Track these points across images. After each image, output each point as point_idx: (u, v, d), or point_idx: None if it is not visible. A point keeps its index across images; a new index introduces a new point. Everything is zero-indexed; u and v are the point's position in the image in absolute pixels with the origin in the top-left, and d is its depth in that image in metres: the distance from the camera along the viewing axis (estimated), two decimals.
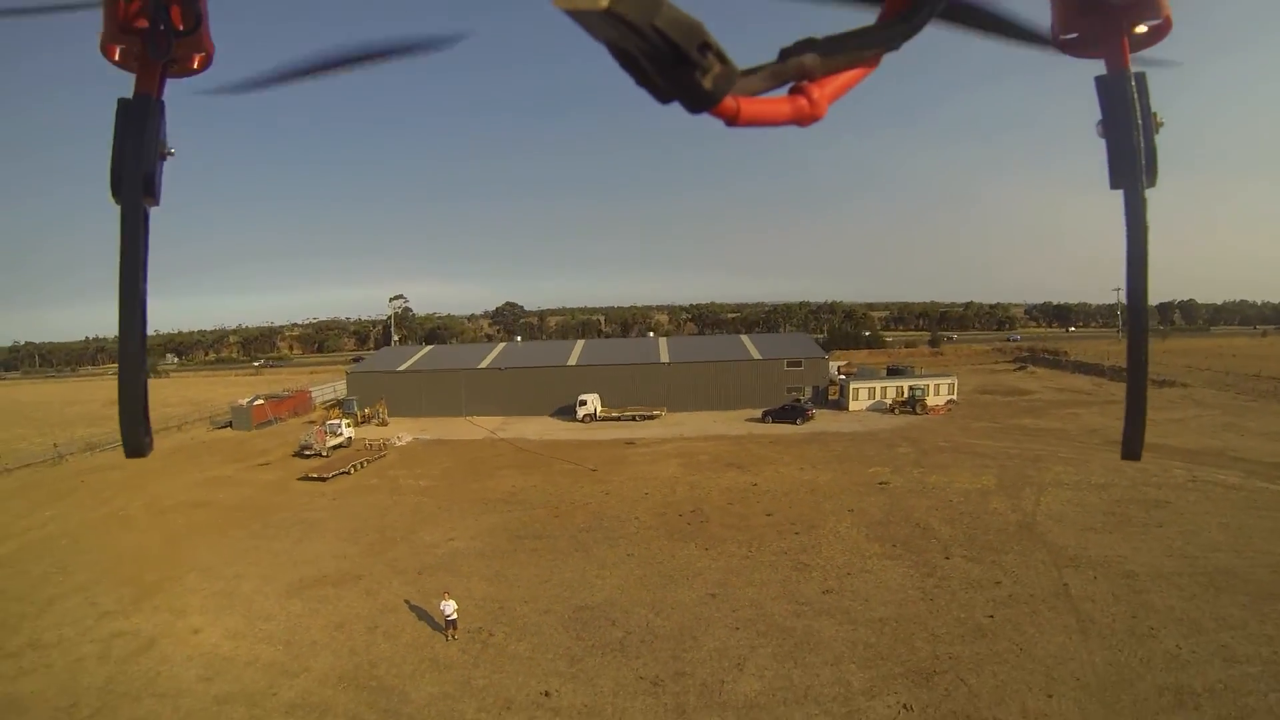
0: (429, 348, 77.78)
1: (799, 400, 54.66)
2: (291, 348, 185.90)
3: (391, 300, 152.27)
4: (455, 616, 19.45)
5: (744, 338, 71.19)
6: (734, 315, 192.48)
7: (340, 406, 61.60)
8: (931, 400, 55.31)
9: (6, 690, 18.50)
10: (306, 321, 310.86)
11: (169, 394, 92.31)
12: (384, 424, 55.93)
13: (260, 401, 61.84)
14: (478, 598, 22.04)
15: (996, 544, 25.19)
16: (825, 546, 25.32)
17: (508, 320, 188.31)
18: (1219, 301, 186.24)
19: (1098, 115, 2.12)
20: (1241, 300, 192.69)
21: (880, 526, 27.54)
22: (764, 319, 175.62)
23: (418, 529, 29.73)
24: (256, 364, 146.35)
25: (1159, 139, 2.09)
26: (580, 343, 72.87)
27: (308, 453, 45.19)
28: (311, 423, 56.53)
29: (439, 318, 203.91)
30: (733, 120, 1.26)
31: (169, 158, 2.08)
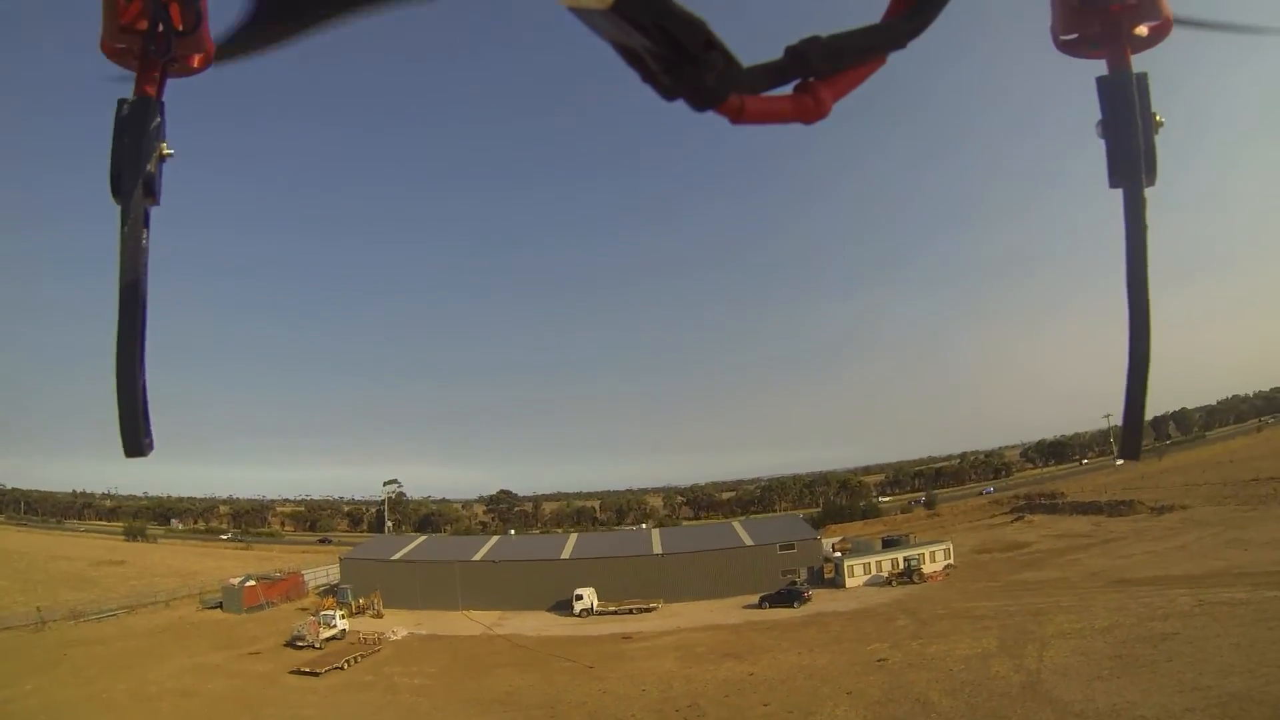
0: (423, 537, 78.45)
1: (795, 583, 54.66)
2: (283, 524, 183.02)
3: (385, 485, 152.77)
4: None
5: (735, 524, 72.71)
6: (729, 495, 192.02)
7: (334, 594, 60.94)
8: (928, 568, 56.07)
9: None
10: (299, 499, 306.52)
11: (157, 563, 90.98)
12: (379, 616, 55.23)
13: (252, 583, 61.32)
14: None
15: (1000, 710, 24.75)
16: None
17: (503, 509, 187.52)
18: (1213, 402, 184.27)
19: (1098, 115, 2.16)
20: (1234, 395, 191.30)
21: (879, 706, 27.31)
22: (759, 498, 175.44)
23: None
24: (224, 536, 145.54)
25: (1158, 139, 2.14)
26: (574, 536, 74.10)
27: (300, 644, 44.56)
28: (304, 609, 55.95)
29: (433, 503, 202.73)
30: (737, 118, 1.35)
31: (168, 159, 2.11)
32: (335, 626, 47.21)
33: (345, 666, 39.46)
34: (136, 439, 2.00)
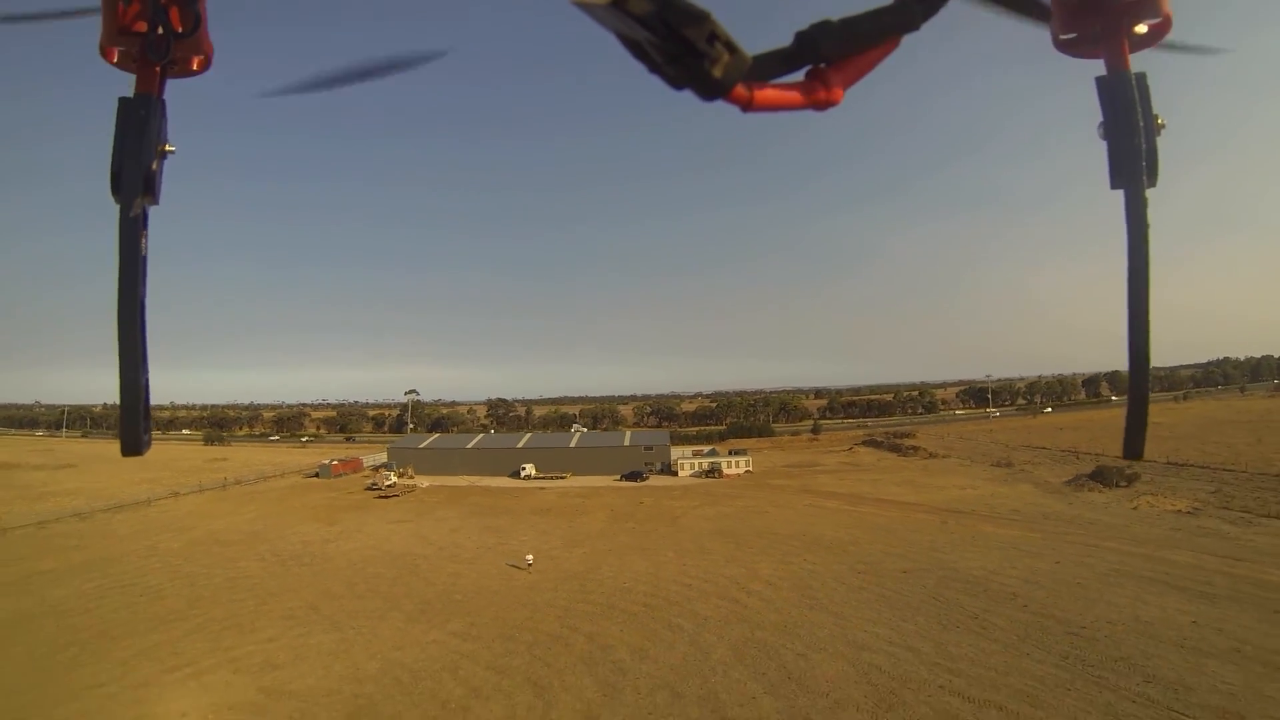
0: (437, 434, 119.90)
1: (647, 469, 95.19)
2: (319, 428, 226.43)
3: (406, 394, 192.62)
4: (531, 559, 58.50)
5: (626, 431, 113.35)
6: (692, 406, 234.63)
7: (385, 467, 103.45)
8: (731, 470, 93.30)
9: (321, 549, 59.50)
10: (318, 402, 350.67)
11: (248, 458, 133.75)
12: (411, 478, 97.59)
13: (336, 462, 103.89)
14: (453, 527, 63.44)
15: (652, 518, 64.57)
16: (587, 517, 66.38)
17: (500, 413, 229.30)
18: (1201, 360, 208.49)
19: (1098, 117, 2.16)
20: (1224, 358, 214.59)
21: (615, 512, 68.03)
22: (712, 412, 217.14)
23: (434, 512, 71.23)
24: (273, 438, 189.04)
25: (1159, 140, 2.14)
26: (528, 434, 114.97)
27: (374, 489, 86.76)
28: (366, 477, 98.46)
29: (444, 406, 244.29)
30: (746, 107, 1.38)
31: (170, 155, 2.19)
32: (391, 481, 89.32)
33: (399, 496, 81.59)
34: (135, 437, 2.11)
